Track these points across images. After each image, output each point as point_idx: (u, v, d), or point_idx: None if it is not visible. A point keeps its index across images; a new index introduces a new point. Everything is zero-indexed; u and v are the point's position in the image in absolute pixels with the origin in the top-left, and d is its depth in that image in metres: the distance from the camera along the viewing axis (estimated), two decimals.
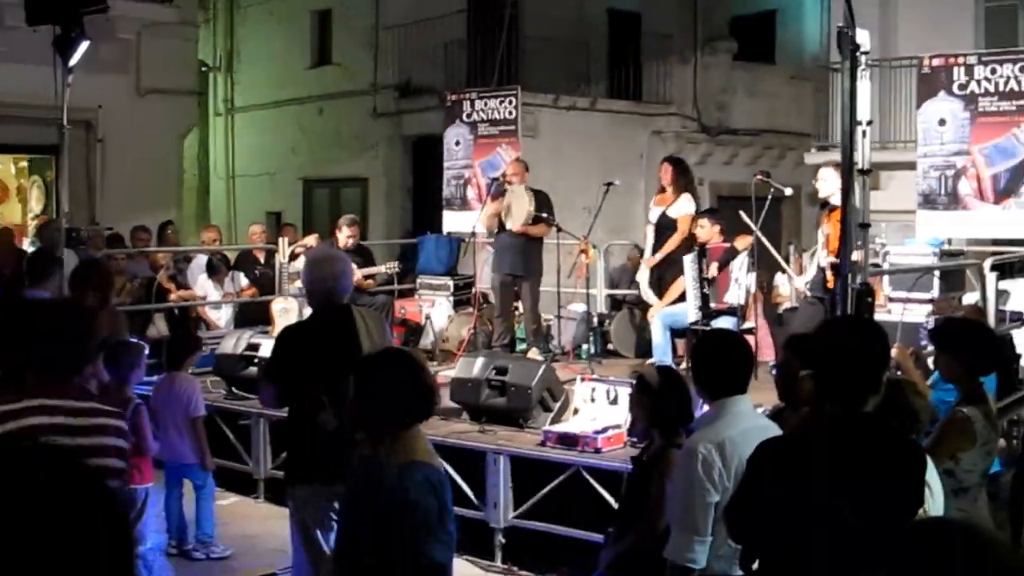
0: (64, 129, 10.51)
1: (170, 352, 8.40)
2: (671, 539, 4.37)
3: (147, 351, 7.39)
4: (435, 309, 12.78)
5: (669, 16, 20.80)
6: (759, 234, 9.74)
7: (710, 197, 17.09)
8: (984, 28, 16.00)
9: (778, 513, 3.47)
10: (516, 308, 11.62)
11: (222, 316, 13.17)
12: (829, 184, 9.12)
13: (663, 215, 10.87)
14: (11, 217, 17.82)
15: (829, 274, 8.88)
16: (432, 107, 17.26)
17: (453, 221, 14.72)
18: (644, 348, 11.15)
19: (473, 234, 12.32)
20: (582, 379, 8.84)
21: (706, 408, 4.85)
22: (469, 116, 14.93)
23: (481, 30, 18.34)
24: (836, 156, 9.01)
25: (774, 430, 4.30)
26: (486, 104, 14.82)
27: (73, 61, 10.09)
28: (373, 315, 6.58)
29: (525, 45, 18.56)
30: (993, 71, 11.41)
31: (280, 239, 12.83)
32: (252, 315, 12.43)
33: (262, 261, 13.64)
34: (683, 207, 10.71)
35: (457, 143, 14.96)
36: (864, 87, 6.86)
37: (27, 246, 13.96)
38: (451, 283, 13.35)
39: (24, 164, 18.56)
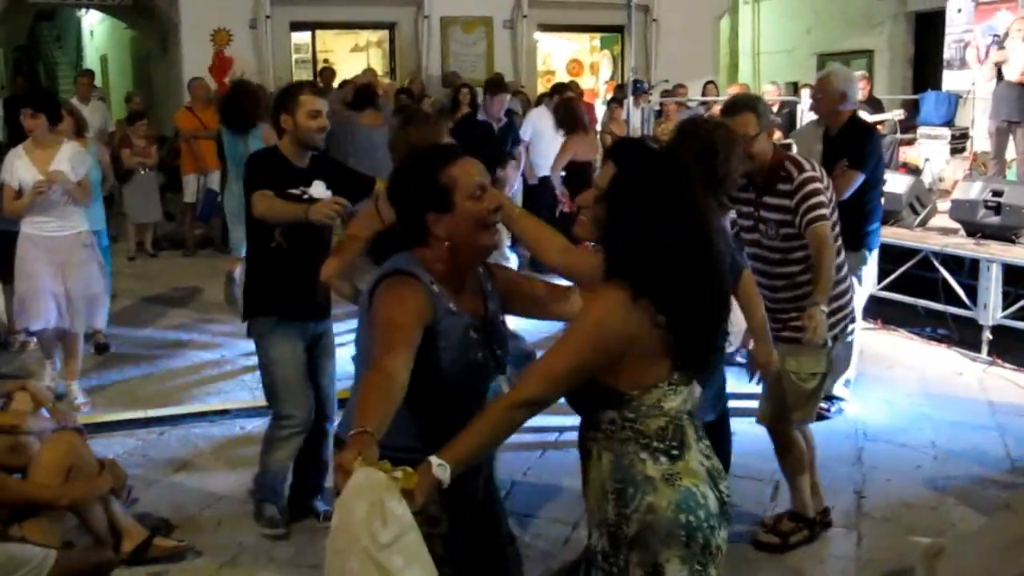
0: (630, 11, 10.94)
1: None
2: None
3: None
4: (933, 154, 12.13)
5: None
6: None
7: None
8: None
9: None
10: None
11: None
12: None
13: None
14: (585, 85, 18.68)
15: None
16: None
17: (952, 80, 13.78)
18: None
19: (970, 91, 11.54)
20: None
21: None
22: None
23: None
24: None
25: None
26: None
27: None
28: None
29: None
30: None
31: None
32: None
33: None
34: None
35: (959, 10, 13.88)
36: None
37: (599, 104, 14.72)
38: (948, 133, 12.60)
39: (596, 42, 19.35)
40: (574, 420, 2.61)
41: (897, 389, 6.87)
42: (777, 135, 9.82)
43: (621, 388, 2.43)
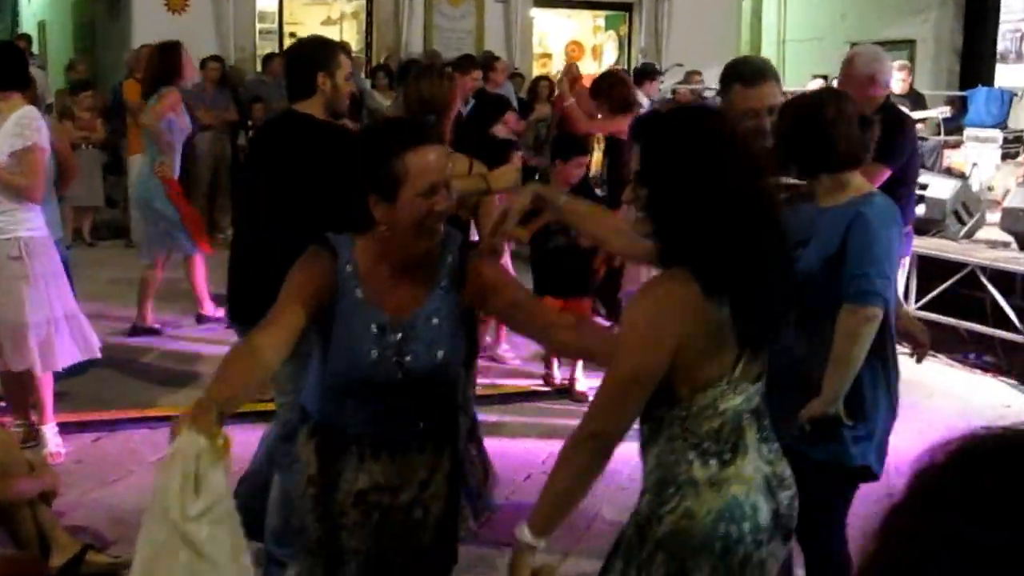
0: None
1: None
2: None
3: None
4: (981, 159, 12.20)
5: None
6: None
7: None
8: None
9: None
10: None
11: None
12: None
13: None
14: (586, 70, 18.72)
15: None
16: None
17: (1006, 75, 13.87)
18: None
19: None
20: None
21: None
22: None
23: None
24: None
25: None
26: None
27: None
28: None
29: None
30: None
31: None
32: None
33: None
34: None
35: None
36: None
37: None
38: (1000, 136, 12.68)
39: (600, 22, 19.42)
40: (559, 445, 2.62)
41: (935, 421, 6.85)
42: None
43: (671, 386, 2.46)
